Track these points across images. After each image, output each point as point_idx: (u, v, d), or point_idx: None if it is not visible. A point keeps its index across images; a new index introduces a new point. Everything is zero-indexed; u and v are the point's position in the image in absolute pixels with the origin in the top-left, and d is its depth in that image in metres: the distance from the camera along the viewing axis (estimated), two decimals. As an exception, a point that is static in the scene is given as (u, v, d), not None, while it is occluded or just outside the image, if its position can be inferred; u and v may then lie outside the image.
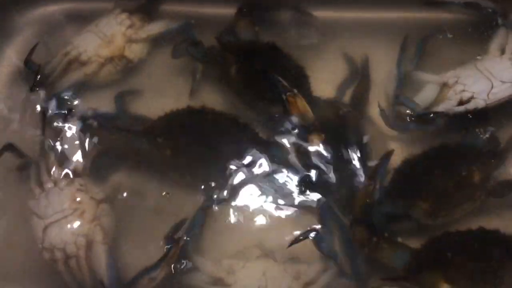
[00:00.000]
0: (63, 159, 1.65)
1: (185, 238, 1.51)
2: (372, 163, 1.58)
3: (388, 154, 1.57)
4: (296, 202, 1.58)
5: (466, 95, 1.64)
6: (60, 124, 1.70)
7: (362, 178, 1.58)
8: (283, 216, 1.58)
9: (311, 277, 1.47)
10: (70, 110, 1.72)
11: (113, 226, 1.57)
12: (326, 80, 1.78)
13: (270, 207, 1.59)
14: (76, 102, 1.78)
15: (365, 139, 1.65)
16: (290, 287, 1.45)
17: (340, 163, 1.60)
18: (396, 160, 1.59)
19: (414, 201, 1.52)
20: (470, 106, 1.63)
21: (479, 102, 1.63)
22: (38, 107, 1.75)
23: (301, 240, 1.48)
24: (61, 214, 1.54)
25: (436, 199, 1.51)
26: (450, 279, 1.39)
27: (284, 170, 1.61)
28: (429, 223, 1.51)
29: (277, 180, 1.60)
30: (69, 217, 1.54)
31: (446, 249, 1.44)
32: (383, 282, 1.44)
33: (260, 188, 1.60)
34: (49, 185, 1.59)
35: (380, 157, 1.58)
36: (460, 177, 1.53)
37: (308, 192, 1.57)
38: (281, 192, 1.59)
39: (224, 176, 1.60)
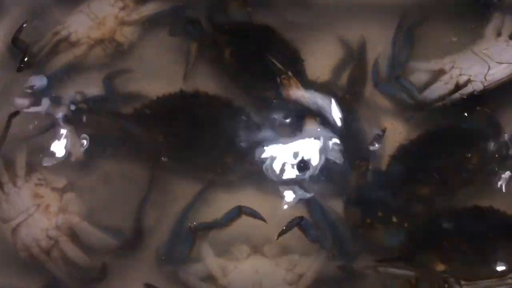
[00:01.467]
0: (47, 149, 1.63)
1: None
2: (372, 147, 1.57)
3: (379, 136, 1.57)
4: (286, 192, 1.57)
5: (462, 79, 1.62)
6: (49, 110, 1.67)
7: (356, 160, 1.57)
8: (269, 209, 1.55)
9: (305, 266, 1.46)
10: (57, 97, 1.69)
11: (84, 208, 1.56)
12: (321, 63, 1.75)
13: (256, 200, 1.57)
14: (64, 86, 1.74)
15: (362, 122, 1.64)
16: (285, 280, 1.45)
17: (335, 146, 1.58)
18: (391, 144, 1.59)
19: (412, 187, 1.51)
20: (467, 90, 1.61)
21: (477, 85, 1.60)
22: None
23: (288, 230, 1.46)
24: (25, 213, 1.52)
25: (435, 184, 1.50)
26: (445, 259, 1.39)
27: (278, 155, 1.58)
28: (428, 209, 1.50)
29: (269, 167, 1.58)
30: (35, 214, 1.52)
31: (441, 229, 1.44)
32: (377, 264, 1.42)
33: (251, 178, 1.59)
34: (9, 186, 1.56)
35: (373, 137, 1.57)
36: (460, 161, 1.52)
37: (302, 177, 1.55)
38: (271, 181, 1.58)
39: (218, 163, 1.58)
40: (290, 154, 1.58)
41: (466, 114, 1.61)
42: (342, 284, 1.45)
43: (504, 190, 1.54)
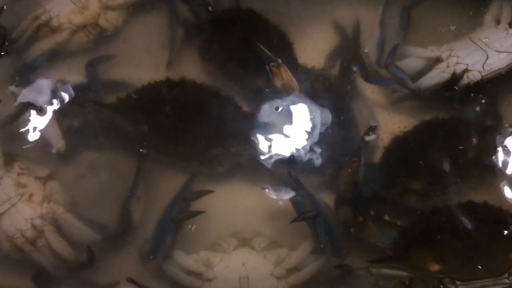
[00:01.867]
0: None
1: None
2: (367, 138, 1.53)
3: (371, 129, 1.53)
4: (275, 185, 1.53)
5: (460, 68, 1.58)
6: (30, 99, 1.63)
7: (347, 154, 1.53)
8: (257, 202, 1.54)
9: (295, 262, 1.45)
10: (38, 85, 1.64)
11: (68, 199, 1.54)
12: (311, 47, 1.72)
13: (245, 192, 1.56)
14: (45, 74, 1.68)
15: (354, 112, 1.60)
16: (273, 274, 1.43)
17: (326, 138, 1.55)
18: (385, 135, 1.57)
19: (406, 181, 1.48)
20: (465, 80, 1.58)
21: (474, 74, 1.57)
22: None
23: (302, 220, 1.45)
24: (8, 203, 1.49)
25: (429, 178, 1.47)
26: (440, 258, 1.37)
27: (268, 147, 1.54)
28: (421, 204, 1.48)
29: (259, 158, 1.54)
30: (18, 204, 1.50)
31: (435, 226, 1.41)
32: (370, 264, 1.40)
33: (240, 170, 1.56)
34: None
35: (364, 131, 1.53)
36: (455, 154, 1.49)
37: (292, 170, 1.51)
38: (260, 174, 1.55)
39: (204, 155, 1.54)
40: (280, 145, 1.55)
41: (463, 104, 1.59)
42: (333, 285, 1.45)
43: (500, 185, 1.51)
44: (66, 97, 1.62)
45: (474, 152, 1.49)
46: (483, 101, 1.58)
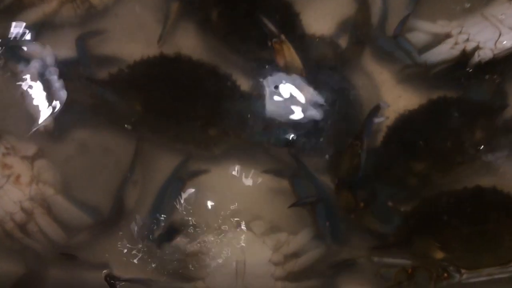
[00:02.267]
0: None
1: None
2: (377, 120, 1.48)
3: (376, 109, 1.47)
4: (275, 169, 1.50)
5: (470, 45, 1.54)
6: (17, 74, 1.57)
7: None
8: (257, 185, 1.51)
9: (294, 248, 1.42)
10: (25, 59, 1.58)
11: (58, 179, 1.50)
12: (319, 15, 1.67)
13: (244, 174, 1.52)
14: (33, 47, 1.62)
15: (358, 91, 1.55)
16: (271, 260, 1.41)
17: (329, 119, 1.50)
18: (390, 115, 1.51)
19: (409, 163, 1.43)
20: (475, 58, 1.53)
21: (486, 53, 1.52)
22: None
23: (301, 205, 1.42)
24: None
25: (432, 160, 1.43)
26: (444, 246, 1.34)
27: (266, 127, 1.49)
28: (423, 187, 1.44)
29: (257, 142, 1.50)
30: (5, 186, 1.46)
31: (440, 212, 1.37)
32: (371, 252, 1.37)
33: (237, 151, 1.52)
34: None
35: (370, 111, 1.48)
36: (461, 135, 1.45)
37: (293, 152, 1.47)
38: (259, 156, 1.51)
39: (200, 136, 1.49)
40: (279, 126, 1.50)
41: (473, 83, 1.55)
42: (332, 273, 1.42)
43: (510, 169, 1.47)
44: (54, 71, 1.56)
45: (481, 134, 1.45)
46: (495, 80, 1.53)
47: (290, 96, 1.51)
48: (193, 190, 1.49)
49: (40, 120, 1.54)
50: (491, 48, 1.52)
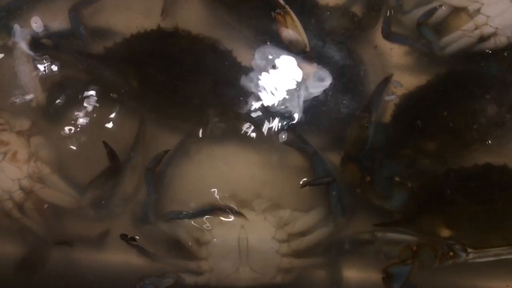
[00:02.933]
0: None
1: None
2: (388, 97, 1.47)
3: (385, 81, 1.46)
4: (273, 147, 1.48)
5: (487, 30, 1.49)
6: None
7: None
8: (258, 165, 1.49)
9: (302, 227, 1.41)
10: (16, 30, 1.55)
11: (54, 155, 1.48)
12: None
13: (243, 153, 1.50)
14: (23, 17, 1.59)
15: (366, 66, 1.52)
16: (274, 238, 1.40)
17: (336, 95, 1.47)
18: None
19: (419, 142, 1.41)
20: (490, 44, 1.50)
21: (501, 40, 1.49)
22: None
23: (316, 184, 1.39)
24: None
25: (444, 139, 1.41)
26: (451, 224, 1.32)
27: (267, 107, 1.47)
28: (435, 168, 1.41)
29: (258, 121, 1.47)
30: (2, 164, 1.43)
31: (447, 189, 1.35)
32: (375, 228, 1.35)
33: (238, 129, 1.48)
34: None
35: (378, 85, 1.46)
36: (473, 112, 1.42)
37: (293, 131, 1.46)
38: (258, 135, 1.48)
39: (199, 116, 1.46)
40: (280, 105, 1.47)
41: (485, 59, 1.52)
42: (337, 252, 1.42)
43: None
44: (47, 44, 1.53)
45: (493, 111, 1.42)
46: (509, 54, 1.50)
47: (293, 72, 1.46)
48: (192, 171, 1.48)
49: (32, 95, 1.50)
50: (508, 35, 1.48)
